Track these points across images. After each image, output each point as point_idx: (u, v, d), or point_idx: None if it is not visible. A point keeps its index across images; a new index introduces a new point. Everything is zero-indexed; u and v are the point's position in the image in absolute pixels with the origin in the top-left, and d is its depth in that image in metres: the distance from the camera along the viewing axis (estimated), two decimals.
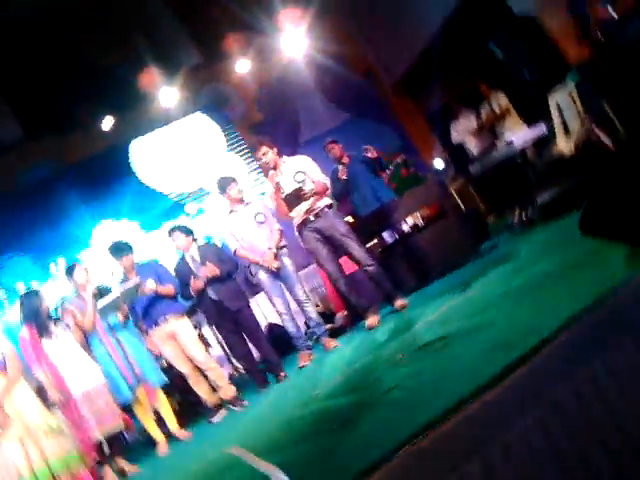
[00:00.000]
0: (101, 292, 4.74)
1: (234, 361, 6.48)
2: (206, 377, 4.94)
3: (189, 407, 5.59)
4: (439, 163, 8.16)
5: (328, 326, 5.44)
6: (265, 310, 6.70)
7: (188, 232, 5.10)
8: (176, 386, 5.40)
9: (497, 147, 5.78)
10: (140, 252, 5.24)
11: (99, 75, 7.09)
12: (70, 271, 4.80)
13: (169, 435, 4.78)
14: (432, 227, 5.78)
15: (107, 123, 7.69)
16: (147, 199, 8.23)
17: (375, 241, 6.13)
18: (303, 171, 4.80)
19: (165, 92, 7.71)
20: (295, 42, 7.98)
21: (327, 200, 4.86)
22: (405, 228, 5.69)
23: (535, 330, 2.05)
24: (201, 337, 6.01)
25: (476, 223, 6.50)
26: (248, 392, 5.12)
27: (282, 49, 8.14)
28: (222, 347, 6.49)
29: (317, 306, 6.64)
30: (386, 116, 9.10)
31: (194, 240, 5.11)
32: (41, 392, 4.81)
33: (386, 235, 5.86)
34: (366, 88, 9.00)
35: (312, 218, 4.80)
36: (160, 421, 4.83)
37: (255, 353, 5.25)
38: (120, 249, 4.93)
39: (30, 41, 6.80)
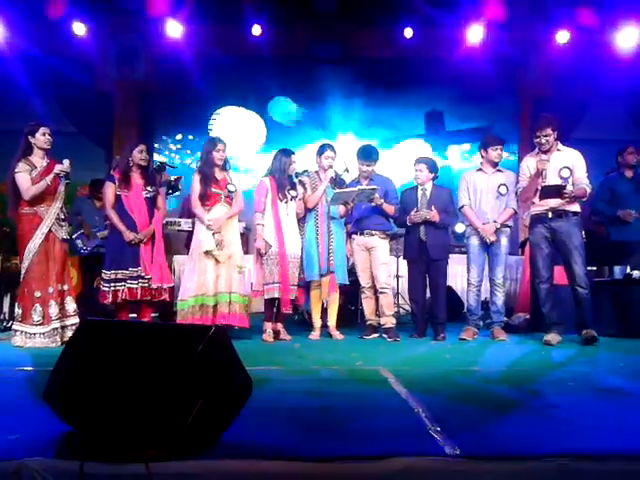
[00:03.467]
0: (336, 181, 5.10)
1: (401, 299, 6.70)
2: (377, 299, 5.20)
3: (349, 315, 5.96)
4: None
5: (505, 319, 5.37)
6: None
7: (433, 169, 5.19)
8: (348, 292, 5.75)
9: None
10: (381, 163, 5.42)
11: None
12: (321, 151, 5.16)
13: (324, 326, 5.19)
14: None
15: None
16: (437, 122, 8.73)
17: (595, 268, 5.82)
18: (571, 168, 4.62)
19: None
20: None
21: (577, 207, 4.68)
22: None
23: None
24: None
25: None
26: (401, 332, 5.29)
27: None
28: (396, 282, 6.70)
29: None
30: None
31: (434, 178, 5.21)
32: (242, 236, 5.44)
33: (617, 270, 5.54)
34: None
35: (550, 215, 4.68)
36: (324, 313, 5.23)
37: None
38: (369, 154, 5.19)
39: None
